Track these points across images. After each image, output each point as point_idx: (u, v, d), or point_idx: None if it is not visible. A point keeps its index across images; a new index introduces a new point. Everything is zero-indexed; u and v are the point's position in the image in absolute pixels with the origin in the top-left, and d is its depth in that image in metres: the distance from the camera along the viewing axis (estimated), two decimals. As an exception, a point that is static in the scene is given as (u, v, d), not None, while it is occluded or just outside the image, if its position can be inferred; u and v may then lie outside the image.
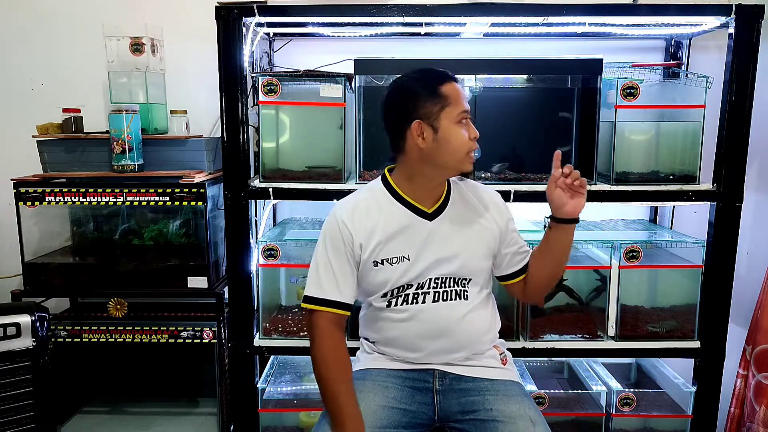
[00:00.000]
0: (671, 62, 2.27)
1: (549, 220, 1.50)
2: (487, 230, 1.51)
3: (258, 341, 2.00)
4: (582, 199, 1.44)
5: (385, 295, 1.47)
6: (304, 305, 1.46)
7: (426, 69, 1.45)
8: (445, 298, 1.47)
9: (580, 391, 2.13)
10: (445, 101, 1.39)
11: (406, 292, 1.46)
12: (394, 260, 1.44)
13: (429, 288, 1.46)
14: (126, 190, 2.03)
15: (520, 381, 1.54)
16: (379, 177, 1.54)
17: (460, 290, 1.48)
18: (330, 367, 1.41)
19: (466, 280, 1.49)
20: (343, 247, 1.44)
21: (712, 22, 1.90)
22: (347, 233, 1.43)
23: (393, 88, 1.46)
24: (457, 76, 1.70)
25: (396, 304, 1.47)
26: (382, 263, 1.44)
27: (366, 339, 1.59)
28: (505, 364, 1.55)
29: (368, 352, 1.57)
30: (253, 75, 1.94)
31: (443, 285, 1.47)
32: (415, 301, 1.46)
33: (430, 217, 1.47)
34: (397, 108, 1.43)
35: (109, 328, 2.12)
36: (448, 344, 1.48)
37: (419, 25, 1.99)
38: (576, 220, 1.47)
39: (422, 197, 1.47)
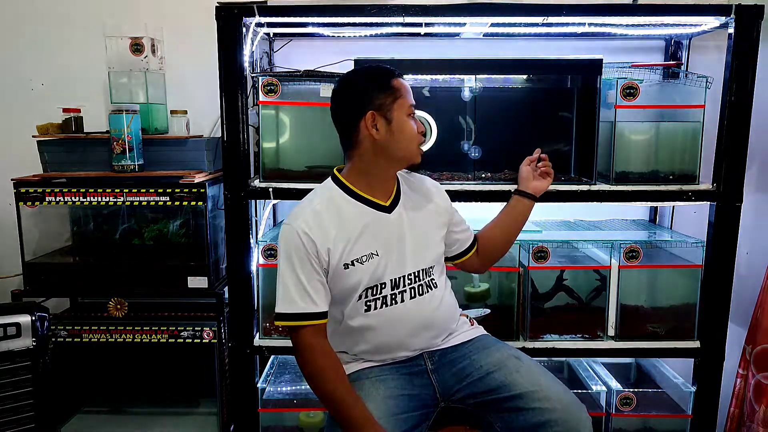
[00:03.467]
0: (671, 62, 2.27)
1: (513, 193, 1.73)
2: (438, 215, 1.58)
3: (258, 341, 2.00)
4: (545, 183, 1.72)
5: (360, 298, 1.46)
6: (278, 323, 1.44)
7: (374, 65, 1.51)
8: (420, 292, 1.50)
9: (580, 391, 2.13)
10: (397, 93, 1.45)
11: (382, 294, 1.46)
12: (364, 258, 1.44)
13: (404, 286, 1.48)
14: (126, 190, 2.03)
15: (487, 333, 1.66)
16: (329, 178, 1.54)
17: (429, 281, 1.52)
18: (328, 376, 1.40)
19: (431, 268, 1.53)
20: (307, 258, 1.41)
21: (711, 22, 1.90)
22: (310, 243, 1.40)
23: (343, 83, 1.50)
24: (457, 76, 1.72)
25: (375, 308, 1.46)
26: (353, 264, 1.43)
27: (344, 353, 1.54)
28: (473, 326, 1.65)
29: (348, 361, 1.53)
30: (253, 75, 1.94)
31: (417, 279, 1.49)
32: (393, 301, 1.47)
33: (389, 209, 1.50)
34: (348, 101, 1.46)
35: (109, 328, 2.12)
36: (430, 334, 1.53)
37: (419, 25, 1.99)
38: (535, 199, 1.71)
39: (377, 191, 1.50)
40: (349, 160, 1.50)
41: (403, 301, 1.48)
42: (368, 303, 1.47)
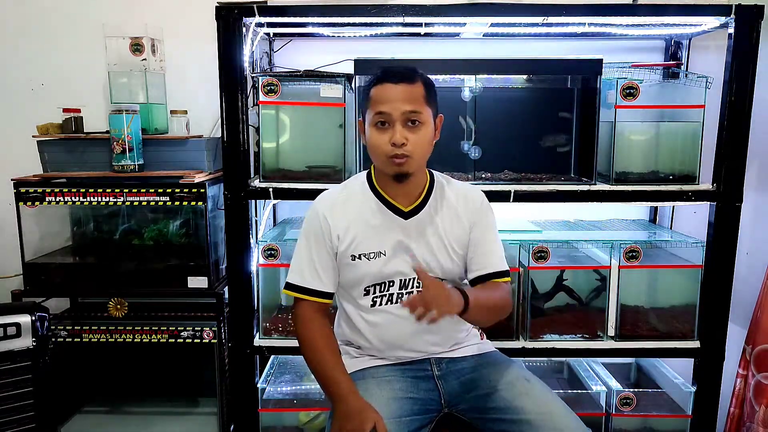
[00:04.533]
0: (671, 62, 2.27)
1: None
2: (462, 232, 1.52)
3: (258, 341, 2.00)
4: (441, 309, 1.24)
5: (367, 293, 1.49)
6: (285, 291, 1.51)
7: (383, 68, 1.45)
8: None
9: (580, 391, 2.13)
10: (369, 102, 1.44)
11: (390, 291, 1.48)
12: (371, 255, 1.47)
13: (413, 288, 1.48)
14: (126, 190, 2.03)
15: (496, 349, 1.63)
16: (365, 171, 1.56)
17: None
18: (320, 347, 1.44)
19: (442, 279, 1.50)
20: (322, 239, 1.48)
21: (711, 22, 1.90)
22: (326, 225, 1.47)
23: None
24: (457, 76, 1.69)
25: (381, 304, 1.48)
26: (359, 258, 1.47)
27: (350, 345, 1.57)
28: (483, 339, 1.64)
29: (355, 356, 1.55)
30: (253, 75, 1.94)
31: None
32: (399, 300, 1.48)
33: (406, 215, 1.49)
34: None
35: (109, 328, 2.12)
36: (433, 339, 1.52)
37: (419, 25, 1.99)
38: (463, 311, 1.31)
39: (399, 195, 1.49)
40: None
41: None
42: (375, 299, 1.49)
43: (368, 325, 1.50)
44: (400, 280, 1.48)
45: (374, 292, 1.49)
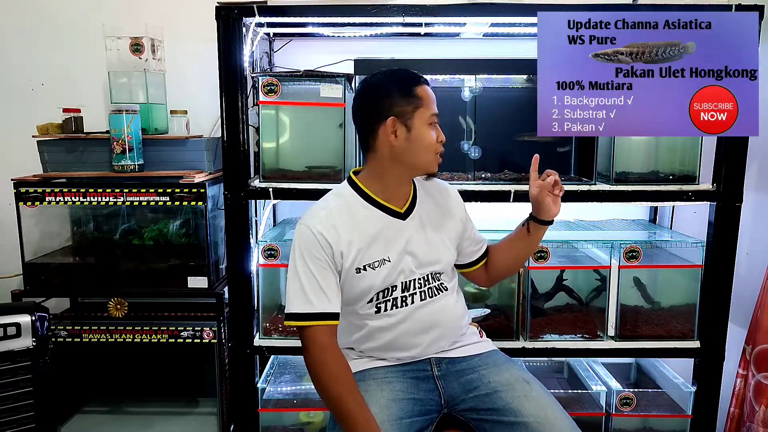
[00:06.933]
0: (671, 62, 2.27)
1: (529, 220, 1.59)
2: (452, 223, 1.57)
3: (258, 341, 2.00)
4: (560, 205, 1.57)
5: (371, 301, 1.47)
6: (291, 323, 1.41)
7: (398, 69, 1.47)
8: (430, 295, 1.51)
9: (580, 391, 2.13)
10: (419, 102, 1.42)
11: (393, 296, 1.47)
12: (376, 264, 1.44)
13: (415, 288, 1.49)
14: (126, 190, 2.03)
15: (496, 348, 1.64)
16: (345, 181, 1.53)
17: (439, 284, 1.53)
18: (338, 379, 1.37)
19: (441, 273, 1.53)
20: (324, 257, 1.40)
21: (711, 22, 1.89)
22: (326, 244, 1.40)
23: (365, 86, 1.47)
24: (457, 76, 1.68)
25: (386, 309, 1.47)
26: (365, 269, 1.43)
27: (351, 349, 1.55)
28: (482, 337, 1.65)
29: (354, 357, 1.54)
30: (253, 75, 1.94)
31: (426, 283, 1.50)
32: (404, 303, 1.48)
33: (403, 216, 1.49)
34: (371, 105, 1.44)
35: (109, 328, 2.12)
36: (437, 336, 1.52)
37: (419, 25, 1.99)
38: (551, 222, 1.58)
39: (392, 197, 1.49)
40: (366, 163, 1.50)
41: (413, 302, 1.48)
42: (378, 305, 1.48)
43: (373, 330, 1.49)
44: (402, 283, 1.47)
45: (378, 299, 1.47)
